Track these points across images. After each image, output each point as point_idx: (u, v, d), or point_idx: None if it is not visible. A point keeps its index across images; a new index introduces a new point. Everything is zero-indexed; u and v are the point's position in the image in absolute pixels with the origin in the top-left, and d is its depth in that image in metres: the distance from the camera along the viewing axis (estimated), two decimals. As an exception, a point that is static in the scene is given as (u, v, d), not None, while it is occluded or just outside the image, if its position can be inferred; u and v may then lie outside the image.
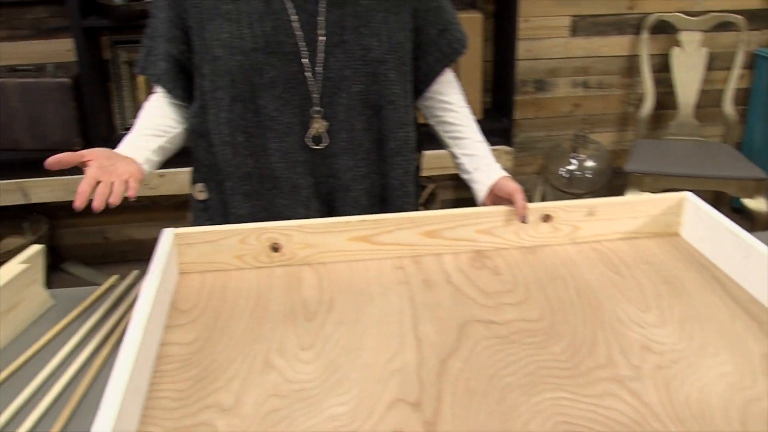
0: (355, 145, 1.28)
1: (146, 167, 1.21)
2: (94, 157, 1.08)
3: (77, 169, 2.83)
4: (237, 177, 1.29)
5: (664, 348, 0.94)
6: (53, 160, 1.02)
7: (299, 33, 1.21)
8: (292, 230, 1.17)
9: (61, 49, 2.78)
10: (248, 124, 1.25)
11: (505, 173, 1.34)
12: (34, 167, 2.63)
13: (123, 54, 2.78)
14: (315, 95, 1.24)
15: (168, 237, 1.15)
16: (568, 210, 1.24)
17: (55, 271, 2.92)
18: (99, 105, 2.67)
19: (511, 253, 1.22)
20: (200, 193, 1.38)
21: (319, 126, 1.25)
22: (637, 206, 1.26)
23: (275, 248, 1.17)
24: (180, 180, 2.65)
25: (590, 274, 1.15)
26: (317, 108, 1.24)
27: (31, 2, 2.70)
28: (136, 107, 2.83)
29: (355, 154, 1.29)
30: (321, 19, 1.22)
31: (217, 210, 1.36)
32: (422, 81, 1.37)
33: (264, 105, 1.23)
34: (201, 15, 1.22)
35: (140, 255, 3.08)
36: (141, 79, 2.78)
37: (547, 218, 1.24)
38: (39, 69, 2.64)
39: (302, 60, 1.22)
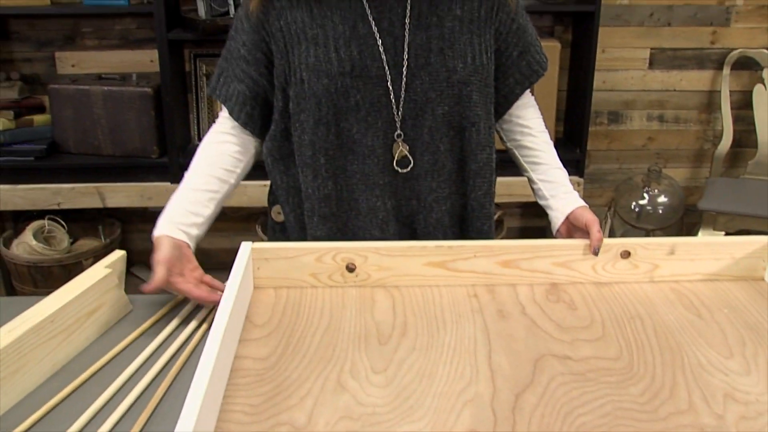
0: (438, 166, 1.29)
1: (192, 246, 1.24)
2: (171, 265, 1.16)
3: (151, 177, 2.87)
4: (316, 198, 1.29)
5: (749, 398, 0.90)
6: (150, 290, 1.13)
7: (385, 56, 1.22)
8: (369, 251, 1.17)
9: (145, 59, 2.87)
10: (330, 147, 1.26)
11: (582, 202, 1.32)
12: (112, 172, 2.72)
13: (203, 66, 2.85)
14: (398, 118, 1.25)
15: (246, 251, 1.16)
16: (647, 247, 1.21)
17: (125, 274, 2.99)
18: (177, 115, 2.73)
19: (587, 288, 1.20)
20: (278, 215, 1.39)
21: (401, 148, 1.26)
22: (719, 248, 1.22)
23: (350, 268, 1.17)
24: (250, 193, 2.69)
25: (669, 314, 1.12)
26: (400, 131, 1.25)
27: (121, 14, 2.80)
28: (213, 118, 2.88)
29: (438, 176, 1.29)
30: (406, 42, 1.23)
31: (293, 231, 1.37)
32: (502, 103, 1.37)
33: (347, 128, 1.24)
34: (287, 39, 1.24)
35: (205, 264, 3.10)
36: (219, 92, 2.85)
37: (625, 255, 1.21)
38: (123, 78, 2.73)
39: (387, 83, 1.22)
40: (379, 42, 1.22)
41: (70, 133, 2.72)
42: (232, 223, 3.11)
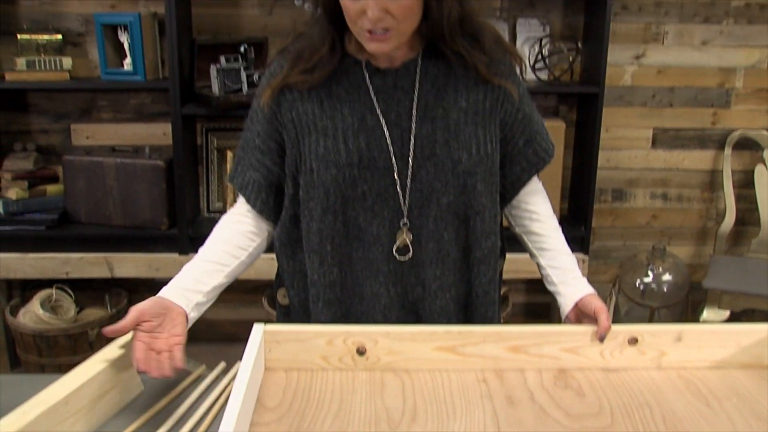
0: (443, 254, 1.31)
1: (193, 314, 1.23)
2: (144, 317, 1.13)
3: (160, 248, 2.86)
4: (321, 285, 1.31)
5: (760, 493, 0.90)
6: (110, 331, 1.11)
7: (392, 148, 1.25)
8: (379, 335, 1.19)
9: (158, 132, 2.93)
10: (337, 235, 1.28)
11: (591, 289, 1.34)
12: (121, 243, 2.75)
13: (214, 140, 2.92)
14: (404, 207, 1.27)
15: (258, 333, 1.18)
16: (654, 334, 1.22)
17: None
18: (188, 188, 2.77)
19: (594, 375, 1.20)
20: (284, 298, 1.41)
21: (405, 237, 1.28)
22: (726, 335, 1.24)
23: (360, 352, 1.19)
24: (257, 266, 2.67)
25: (678, 403, 1.12)
26: (406, 219, 1.28)
27: (136, 89, 2.88)
28: (223, 191, 2.94)
29: (443, 263, 1.31)
30: (413, 134, 1.26)
31: (297, 315, 1.39)
32: (509, 190, 1.39)
33: (354, 216, 1.27)
34: (298, 129, 1.28)
35: (210, 336, 3.13)
36: (229, 164, 2.90)
37: (633, 341, 1.22)
38: (136, 150, 2.79)
39: (394, 174, 1.25)
40: (387, 134, 1.25)
41: (82, 204, 2.76)
42: (238, 295, 3.12)
